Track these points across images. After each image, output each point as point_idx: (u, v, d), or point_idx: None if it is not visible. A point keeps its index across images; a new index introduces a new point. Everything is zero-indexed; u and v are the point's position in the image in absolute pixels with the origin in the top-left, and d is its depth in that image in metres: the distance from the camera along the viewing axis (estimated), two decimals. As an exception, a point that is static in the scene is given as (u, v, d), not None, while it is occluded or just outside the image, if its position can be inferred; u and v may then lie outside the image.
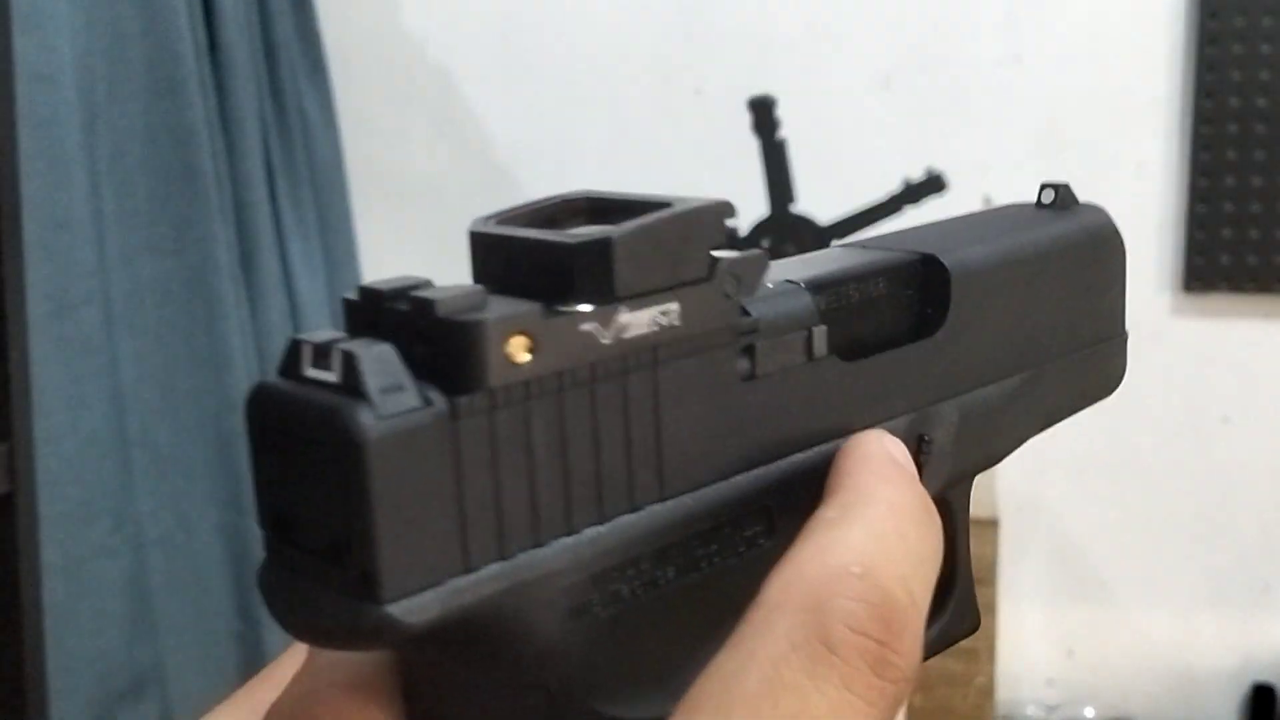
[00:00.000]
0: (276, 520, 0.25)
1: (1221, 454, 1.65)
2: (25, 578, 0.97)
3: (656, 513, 0.27)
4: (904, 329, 0.33)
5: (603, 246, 0.26)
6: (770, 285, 0.30)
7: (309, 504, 0.24)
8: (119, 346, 1.30)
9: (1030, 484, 1.68)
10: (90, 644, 1.22)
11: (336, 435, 0.23)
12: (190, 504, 1.37)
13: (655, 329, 0.27)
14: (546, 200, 0.28)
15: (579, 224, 0.28)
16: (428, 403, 0.24)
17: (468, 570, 0.24)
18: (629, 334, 0.26)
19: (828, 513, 0.27)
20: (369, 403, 0.23)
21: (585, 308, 0.25)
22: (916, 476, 0.29)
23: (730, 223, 0.28)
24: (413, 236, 1.81)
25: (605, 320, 0.26)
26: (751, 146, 1.37)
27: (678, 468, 0.28)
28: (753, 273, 0.28)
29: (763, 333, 0.29)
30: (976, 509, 0.36)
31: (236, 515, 1.40)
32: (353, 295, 0.25)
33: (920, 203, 1.35)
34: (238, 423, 1.39)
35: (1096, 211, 0.39)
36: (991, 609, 1.28)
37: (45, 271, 1.17)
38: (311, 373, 0.24)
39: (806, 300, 0.31)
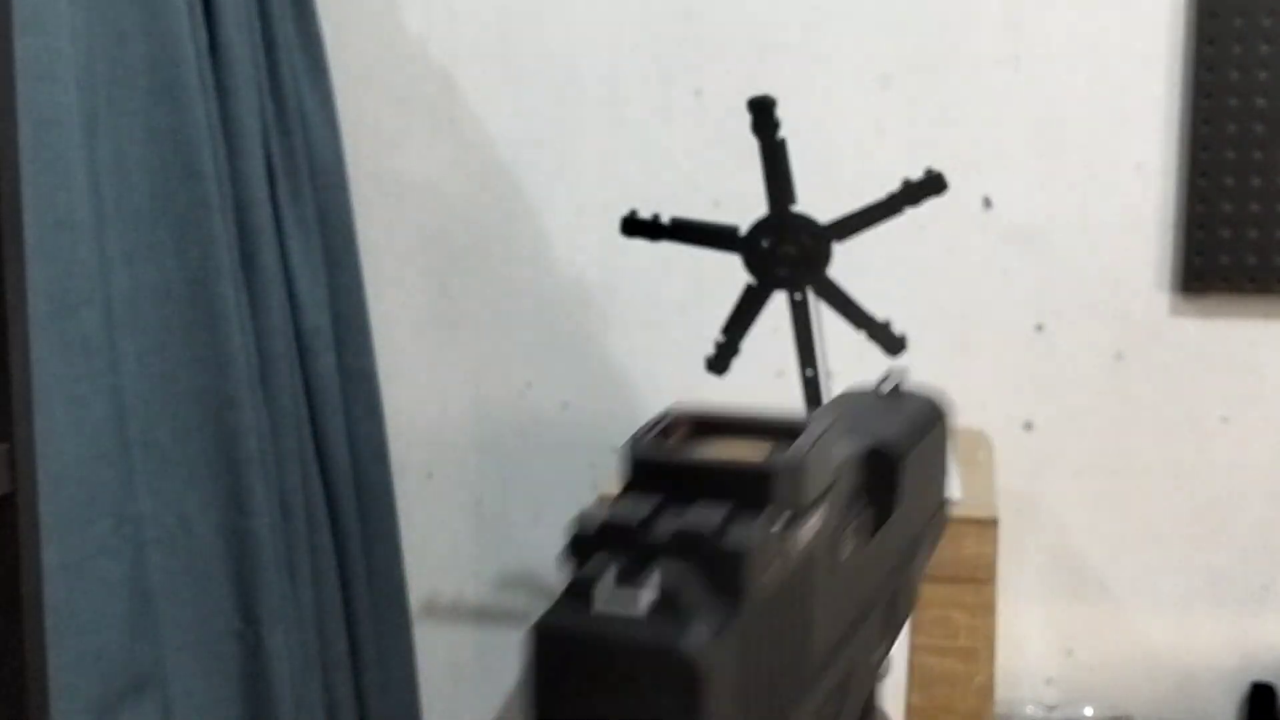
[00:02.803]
0: None
1: (1221, 454, 1.65)
2: (26, 577, 0.97)
3: (824, 678, 0.32)
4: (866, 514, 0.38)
5: (796, 467, 0.29)
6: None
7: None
8: (120, 346, 1.30)
9: (1030, 484, 1.68)
10: (91, 643, 1.22)
11: (672, 665, 0.25)
12: (191, 504, 1.37)
13: (811, 536, 0.30)
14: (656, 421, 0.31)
15: (687, 440, 0.31)
16: (724, 623, 0.26)
17: None
18: (804, 542, 0.30)
19: None
20: (691, 631, 0.25)
21: (783, 522, 0.29)
22: None
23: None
24: (413, 236, 1.81)
25: (795, 530, 0.29)
26: (751, 147, 1.37)
27: (823, 643, 0.32)
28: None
29: (848, 525, 0.34)
30: (976, 509, 0.38)
31: (237, 515, 1.40)
32: (584, 527, 0.28)
33: (920, 203, 1.34)
34: (239, 421, 1.39)
35: (931, 394, 0.45)
36: (990, 608, 1.28)
37: (46, 271, 1.17)
38: (604, 608, 0.26)
39: (862, 500, 0.36)
